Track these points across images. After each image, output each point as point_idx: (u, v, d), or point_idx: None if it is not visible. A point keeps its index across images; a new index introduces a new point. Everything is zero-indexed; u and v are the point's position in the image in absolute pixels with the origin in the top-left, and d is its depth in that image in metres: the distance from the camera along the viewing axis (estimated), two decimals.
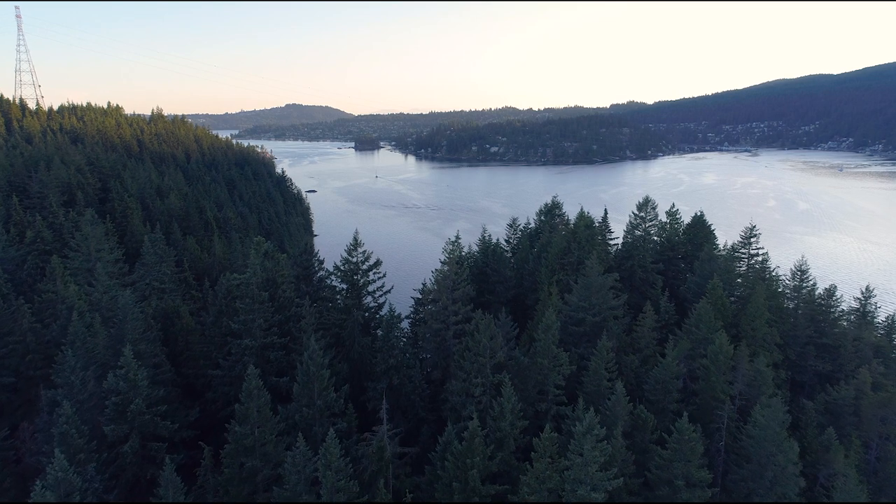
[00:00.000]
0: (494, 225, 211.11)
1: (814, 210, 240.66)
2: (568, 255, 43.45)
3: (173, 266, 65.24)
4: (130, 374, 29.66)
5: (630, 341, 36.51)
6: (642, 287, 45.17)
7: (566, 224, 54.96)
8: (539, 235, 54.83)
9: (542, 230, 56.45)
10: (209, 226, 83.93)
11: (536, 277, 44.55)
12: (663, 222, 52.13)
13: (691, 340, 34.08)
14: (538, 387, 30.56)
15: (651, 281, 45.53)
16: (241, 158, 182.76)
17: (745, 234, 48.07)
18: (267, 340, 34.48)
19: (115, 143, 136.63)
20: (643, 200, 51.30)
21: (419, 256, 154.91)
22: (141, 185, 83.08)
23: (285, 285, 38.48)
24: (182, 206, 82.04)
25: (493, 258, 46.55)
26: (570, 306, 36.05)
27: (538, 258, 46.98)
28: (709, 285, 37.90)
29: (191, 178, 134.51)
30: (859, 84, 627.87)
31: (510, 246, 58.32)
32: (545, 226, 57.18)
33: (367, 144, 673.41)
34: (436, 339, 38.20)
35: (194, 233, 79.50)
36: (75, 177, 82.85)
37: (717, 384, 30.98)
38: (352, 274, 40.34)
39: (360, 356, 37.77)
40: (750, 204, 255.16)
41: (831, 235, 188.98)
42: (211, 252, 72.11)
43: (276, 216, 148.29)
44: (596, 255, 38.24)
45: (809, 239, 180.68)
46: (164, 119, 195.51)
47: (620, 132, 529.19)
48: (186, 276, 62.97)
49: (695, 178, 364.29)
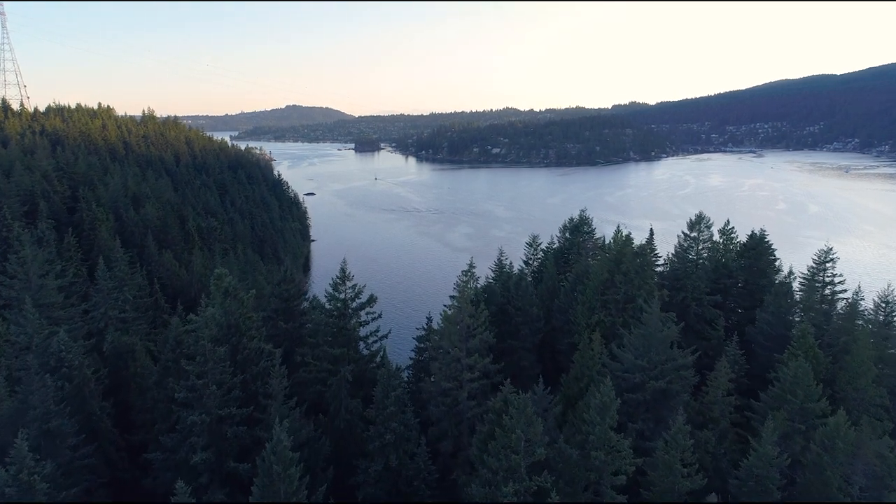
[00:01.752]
0: (497, 229, 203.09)
1: (826, 213, 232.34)
2: (612, 290, 34.88)
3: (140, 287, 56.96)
4: (24, 473, 21.26)
5: (699, 408, 28.01)
6: (697, 326, 36.68)
7: (598, 244, 46.28)
8: (566, 257, 46.22)
9: (569, 250, 47.81)
10: (190, 237, 75.45)
11: (570, 316, 36.15)
12: (715, 241, 43.43)
13: (787, 411, 25.68)
14: (591, 487, 22.19)
15: (708, 318, 37.07)
16: (235, 161, 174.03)
17: (820, 258, 39.41)
18: (224, 412, 26.04)
19: (98, 145, 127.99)
20: (696, 217, 42.70)
21: (421, 268, 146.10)
22: (114, 194, 74.51)
23: (253, 331, 30.00)
24: (159, 215, 73.36)
25: (517, 294, 37.90)
26: (623, 364, 27.49)
27: (572, 291, 38.45)
28: (796, 332, 29.55)
29: (179, 183, 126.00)
30: (864, 84, 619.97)
31: (530, 268, 49.59)
32: (573, 246, 48.52)
33: (368, 146, 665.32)
34: (445, 402, 29.72)
35: (173, 246, 71.06)
36: (40, 184, 74.55)
37: (832, 479, 22.61)
38: (338, 316, 31.75)
39: (349, 425, 29.33)
40: (760, 207, 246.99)
41: (848, 240, 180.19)
42: (189, 268, 63.58)
43: (270, 222, 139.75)
44: (653, 294, 29.77)
45: (823, 244, 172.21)
46: (155, 120, 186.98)
47: (624, 133, 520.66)
48: (158, 299, 54.64)
49: (701, 179, 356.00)
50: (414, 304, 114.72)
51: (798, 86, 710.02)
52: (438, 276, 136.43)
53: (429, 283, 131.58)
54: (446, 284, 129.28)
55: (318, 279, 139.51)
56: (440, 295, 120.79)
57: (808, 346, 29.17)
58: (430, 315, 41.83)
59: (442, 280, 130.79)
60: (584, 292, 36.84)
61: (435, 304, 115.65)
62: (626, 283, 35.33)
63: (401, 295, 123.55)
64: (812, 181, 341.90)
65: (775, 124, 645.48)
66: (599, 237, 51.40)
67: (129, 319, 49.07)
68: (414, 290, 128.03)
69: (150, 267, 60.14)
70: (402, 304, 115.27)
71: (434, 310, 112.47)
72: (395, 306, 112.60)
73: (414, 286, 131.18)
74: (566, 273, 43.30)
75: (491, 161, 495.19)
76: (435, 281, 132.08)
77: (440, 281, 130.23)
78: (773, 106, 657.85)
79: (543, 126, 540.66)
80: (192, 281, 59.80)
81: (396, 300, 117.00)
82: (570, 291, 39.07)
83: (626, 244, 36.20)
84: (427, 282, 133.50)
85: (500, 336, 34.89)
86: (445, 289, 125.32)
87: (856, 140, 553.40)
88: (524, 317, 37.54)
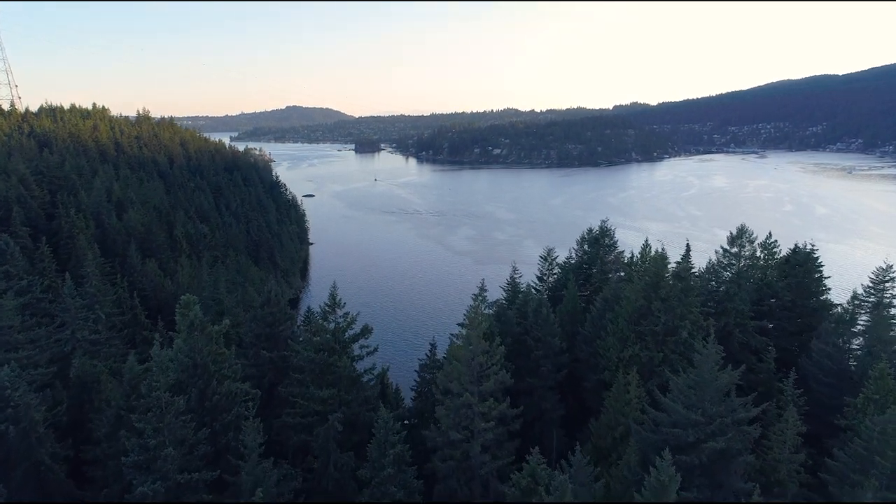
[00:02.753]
0: (500, 231, 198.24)
1: (833, 215, 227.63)
2: (649, 320, 29.75)
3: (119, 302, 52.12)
4: None
5: (761, 467, 23.03)
6: (741, 356, 31.60)
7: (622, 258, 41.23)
8: (587, 274, 41.17)
9: (589, 265, 42.73)
10: (178, 244, 70.47)
11: (597, 347, 31.17)
12: (755, 257, 38.20)
13: (876, 477, 20.82)
14: None
15: (755, 347, 32.08)
16: (231, 163, 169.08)
17: (878, 277, 34.30)
18: (184, 478, 21.20)
19: (89, 147, 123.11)
20: (738, 230, 37.52)
21: (422, 273, 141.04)
22: (96, 199, 69.51)
23: (226, 370, 25.11)
24: (144, 221, 68.30)
25: (537, 322, 32.79)
26: (671, 415, 22.45)
27: (600, 318, 33.36)
28: (873, 370, 24.70)
29: (172, 186, 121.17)
30: (866, 84, 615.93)
31: (544, 284, 44.51)
32: (592, 259, 43.44)
33: (368, 146, 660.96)
34: (454, 455, 24.87)
35: (158, 254, 66.11)
36: (15, 189, 69.72)
37: None
38: (327, 351, 26.82)
39: (338, 484, 24.48)
40: (766, 208, 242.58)
41: (858, 243, 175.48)
42: (175, 278, 58.68)
43: (266, 226, 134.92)
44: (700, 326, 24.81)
45: (836, 247, 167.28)
46: (150, 121, 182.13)
47: (626, 134, 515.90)
48: (138, 314, 49.78)
49: (704, 180, 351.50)
50: (415, 314, 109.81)
51: (800, 86, 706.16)
52: (440, 281, 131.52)
53: (430, 290, 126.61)
54: (448, 291, 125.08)
55: (316, 283, 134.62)
56: (442, 303, 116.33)
57: (887, 389, 24.35)
58: (434, 339, 36.76)
59: (444, 286, 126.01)
60: (616, 321, 31.45)
61: (437, 314, 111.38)
62: (666, 311, 29.67)
63: (401, 303, 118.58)
64: (817, 182, 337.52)
65: (778, 125, 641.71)
66: (621, 250, 46.17)
67: (102, 341, 44.24)
68: (415, 297, 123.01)
69: (132, 278, 55.27)
70: (402, 313, 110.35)
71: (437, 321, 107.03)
72: (395, 316, 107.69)
73: (415, 293, 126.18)
74: (587, 292, 38.22)
75: (492, 162, 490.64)
76: (437, 287, 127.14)
77: (442, 287, 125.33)
78: (775, 106, 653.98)
79: (545, 126, 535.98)
80: (176, 292, 54.89)
81: (396, 308, 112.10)
82: (598, 318, 34.12)
83: (661, 264, 31.03)
84: (429, 288, 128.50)
85: (518, 373, 29.83)
86: (447, 297, 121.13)
87: (859, 140, 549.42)
88: (545, 349, 32.43)
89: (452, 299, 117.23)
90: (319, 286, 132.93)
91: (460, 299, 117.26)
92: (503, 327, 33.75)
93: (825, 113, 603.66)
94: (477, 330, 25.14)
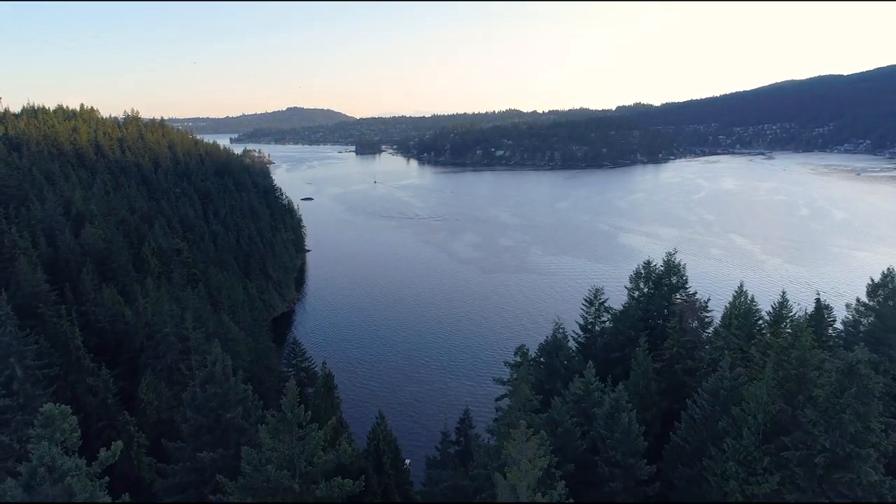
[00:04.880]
0: (505, 238, 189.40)
1: (853, 219, 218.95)
2: (796, 438, 18.85)
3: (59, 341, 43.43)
4: None
5: None
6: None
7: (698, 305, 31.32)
8: (650, 327, 31.52)
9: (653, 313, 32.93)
10: (146, 264, 61.88)
11: (704, 471, 20.73)
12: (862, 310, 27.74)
13: None
14: None
15: None
16: (223, 166, 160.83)
17: None
18: None
19: (65, 150, 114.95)
20: (883, 276, 26.86)
21: (424, 284, 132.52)
22: (51, 212, 60.86)
23: None
24: (106, 237, 59.58)
25: (611, 435, 22.91)
26: None
27: (704, 423, 23.90)
28: None
29: (155, 192, 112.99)
30: (873, 85, 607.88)
31: (588, 334, 34.98)
32: (655, 301, 33.35)
33: (369, 148, 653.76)
34: None
35: (120, 276, 57.47)
36: None
37: None
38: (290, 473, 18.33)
39: None
40: (781, 213, 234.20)
41: (883, 250, 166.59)
42: (136, 308, 50.33)
43: (258, 234, 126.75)
44: None
45: (861, 255, 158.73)
46: (139, 122, 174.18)
47: (630, 135, 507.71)
48: (80, 357, 41.30)
49: (713, 182, 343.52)
50: (417, 331, 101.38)
51: (805, 86, 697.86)
52: (444, 293, 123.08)
53: (433, 303, 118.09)
54: (452, 304, 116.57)
55: (312, 295, 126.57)
56: (444, 318, 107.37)
57: None
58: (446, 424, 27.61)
59: (447, 298, 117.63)
60: (736, 436, 21.08)
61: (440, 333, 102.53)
62: (829, 427, 19.20)
63: (401, 319, 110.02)
64: (829, 184, 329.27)
65: (783, 125, 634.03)
66: (693, 291, 35.87)
67: (14, 407, 34.28)
68: (416, 311, 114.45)
69: (84, 307, 46.99)
70: (402, 330, 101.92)
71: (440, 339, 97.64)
72: (395, 335, 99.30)
73: (416, 306, 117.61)
74: (653, 353, 28.50)
75: (494, 164, 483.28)
76: (440, 300, 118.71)
77: (445, 300, 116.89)
78: (780, 107, 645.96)
79: (548, 128, 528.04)
80: (137, 325, 46.48)
81: (395, 325, 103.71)
82: (702, 423, 24.09)
83: (804, 339, 20.52)
84: (432, 301, 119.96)
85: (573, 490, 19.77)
86: (451, 311, 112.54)
87: (867, 142, 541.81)
88: (625, 477, 22.53)
89: (456, 313, 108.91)
90: (315, 298, 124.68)
91: (464, 312, 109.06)
92: (561, 443, 23.38)
93: (832, 113, 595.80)
94: (524, 463, 15.93)
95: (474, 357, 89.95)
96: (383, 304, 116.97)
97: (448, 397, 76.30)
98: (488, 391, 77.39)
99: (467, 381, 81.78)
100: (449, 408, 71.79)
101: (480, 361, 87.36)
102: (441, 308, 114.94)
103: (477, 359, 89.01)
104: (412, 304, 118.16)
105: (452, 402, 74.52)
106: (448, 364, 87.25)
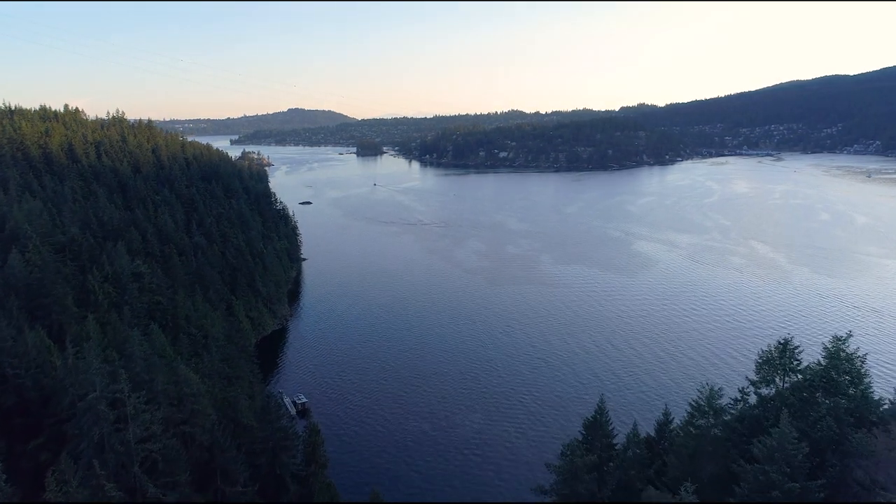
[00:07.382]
0: (513, 245, 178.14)
1: (877, 224, 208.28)
2: None
3: None
4: None
5: None
6: None
7: None
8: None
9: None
10: (92, 297, 50.84)
11: None
12: None
13: None
14: None
15: None
16: (211, 171, 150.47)
17: None
18: None
19: (32, 155, 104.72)
20: None
21: (428, 298, 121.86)
22: None
23: None
24: (41, 264, 48.29)
25: None
26: None
27: None
28: None
29: (132, 201, 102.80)
30: (881, 85, 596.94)
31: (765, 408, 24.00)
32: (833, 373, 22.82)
33: (370, 149, 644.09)
34: None
35: (53, 315, 46.30)
36: None
37: None
38: None
39: None
40: (801, 218, 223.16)
41: None
42: (66, 359, 39.41)
43: (247, 245, 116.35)
44: None
45: (892, 264, 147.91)
46: (124, 124, 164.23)
47: (636, 136, 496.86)
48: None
49: (724, 185, 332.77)
50: (419, 352, 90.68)
51: (812, 86, 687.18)
52: (448, 307, 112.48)
53: (437, 319, 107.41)
54: (456, 321, 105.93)
55: (306, 309, 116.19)
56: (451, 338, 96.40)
57: None
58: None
59: (452, 313, 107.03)
60: None
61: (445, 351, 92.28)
62: None
63: (402, 342, 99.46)
64: (844, 187, 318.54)
65: (791, 126, 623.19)
66: None
67: None
68: (418, 330, 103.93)
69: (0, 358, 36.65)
70: (404, 350, 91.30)
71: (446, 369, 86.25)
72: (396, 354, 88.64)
73: (418, 324, 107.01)
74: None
75: (498, 165, 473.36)
76: (444, 316, 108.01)
77: (451, 317, 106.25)
78: (787, 107, 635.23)
79: (553, 129, 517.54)
80: (66, 381, 36.00)
81: (397, 342, 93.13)
82: None
83: None
84: (435, 316, 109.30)
85: None
86: (457, 329, 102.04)
87: (877, 142, 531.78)
88: None
89: (462, 332, 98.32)
90: (310, 313, 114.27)
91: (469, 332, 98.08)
92: None
93: (840, 114, 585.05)
94: None
95: (484, 388, 79.35)
96: (383, 322, 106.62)
97: (453, 439, 65.70)
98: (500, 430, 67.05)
99: (477, 416, 71.13)
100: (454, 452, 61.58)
101: (493, 391, 76.97)
102: (445, 325, 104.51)
103: (487, 389, 78.49)
104: (414, 319, 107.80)
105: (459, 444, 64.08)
106: (454, 394, 76.63)
